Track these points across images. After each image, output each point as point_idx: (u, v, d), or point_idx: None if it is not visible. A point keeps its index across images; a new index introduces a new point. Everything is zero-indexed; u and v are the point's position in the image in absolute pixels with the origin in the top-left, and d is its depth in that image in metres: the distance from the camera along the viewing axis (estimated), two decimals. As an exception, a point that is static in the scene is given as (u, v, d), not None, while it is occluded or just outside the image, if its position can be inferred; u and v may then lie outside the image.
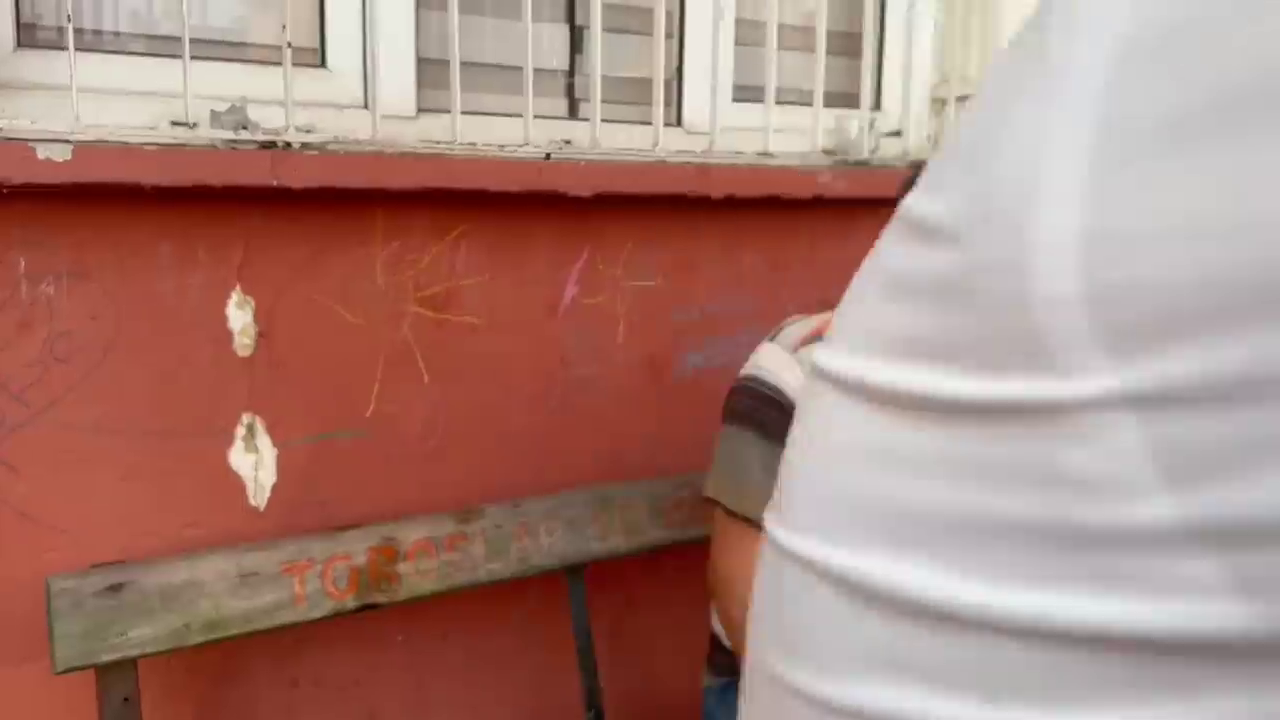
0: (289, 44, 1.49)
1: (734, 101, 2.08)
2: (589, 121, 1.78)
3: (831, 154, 2.07)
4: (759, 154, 1.94)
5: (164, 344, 1.47)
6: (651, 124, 1.85)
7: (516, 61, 1.72)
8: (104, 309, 1.42)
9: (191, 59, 1.44)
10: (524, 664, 1.88)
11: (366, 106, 1.67)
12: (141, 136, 1.40)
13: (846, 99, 2.22)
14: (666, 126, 1.89)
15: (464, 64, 1.67)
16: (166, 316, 1.46)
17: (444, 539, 1.60)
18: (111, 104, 1.47)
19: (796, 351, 1.52)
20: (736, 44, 2.09)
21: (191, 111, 1.44)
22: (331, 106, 1.66)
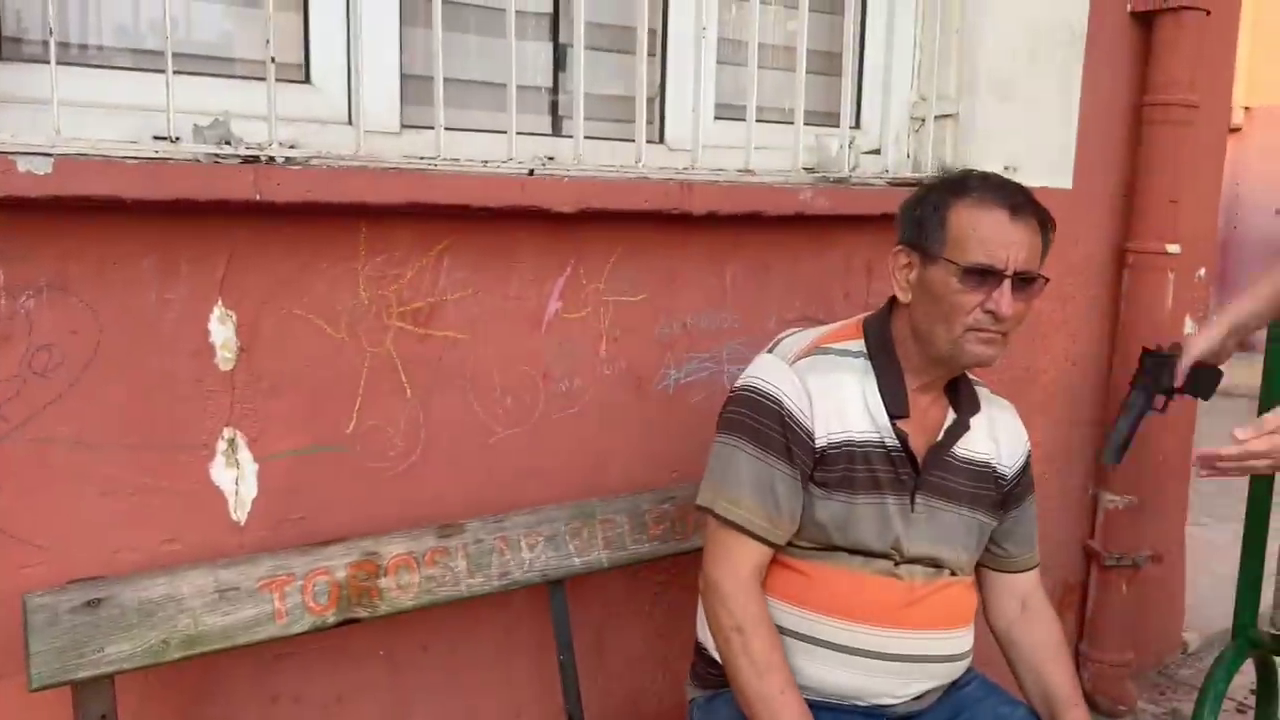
0: (273, 59, 1.50)
1: (716, 119, 2.10)
2: (572, 138, 1.79)
3: (812, 171, 2.09)
4: (740, 171, 1.96)
5: (145, 358, 1.46)
6: (634, 141, 1.87)
7: (500, 78, 1.73)
8: (84, 323, 1.42)
9: (175, 73, 1.44)
10: (505, 678, 1.87)
11: (350, 122, 1.68)
12: (123, 150, 1.40)
13: (827, 117, 2.25)
14: (649, 143, 1.91)
15: (448, 80, 1.68)
16: (148, 330, 1.46)
17: (425, 554, 1.60)
18: (93, 118, 1.47)
19: (795, 364, 1.54)
20: (718, 63, 2.11)
21: (174, 126, 1.44)
22: (315, 122, 1.66)
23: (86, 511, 1.45)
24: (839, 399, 1.52)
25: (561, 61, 1.99)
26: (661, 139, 2.06)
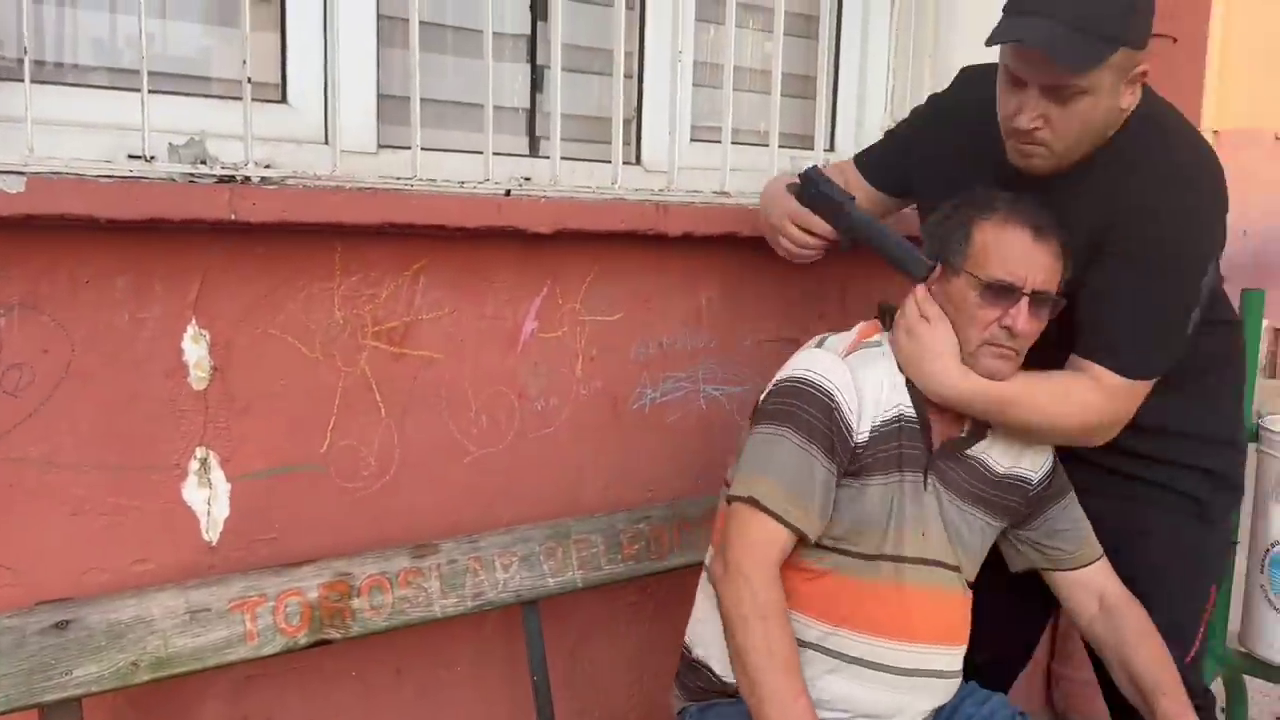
0: (249, 79, 1.50)
1: (692, 141, 2.11)
2: (549, 159, 1.80)
3: (787, 193, 2.10)
4: (716, 193, 1.98)
5: (117, 377, 1.46)
6: (611, 162, 1.88)
7: (478, 99, 1.74)
8: (56, 342, 1.41)
9: (151, 92, 1.44)
10: (479, 699, 1.87)
11: (327, 142, 1.68)
12: (98, 169, 1.39)
13: (802, 140, 2.27)
14: (626, 165, 1.92)
15: (425, 100, 1.69)
16: (120, 350, 1.45)
17: (398, 574, 1.59)
18: (68, 136, 1.47)
19: (847, 358, 1.55)
20: (694, 85, 2.13)
21: (150, 145, 1.44)
22: (292, 141, 1.67)
23: (56, 532, 1.43)
24: (876, 389, 1.54)
25: (539, 83, 2.01)
26: (638, 160, 2.08)
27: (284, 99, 1.69)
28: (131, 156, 1.47)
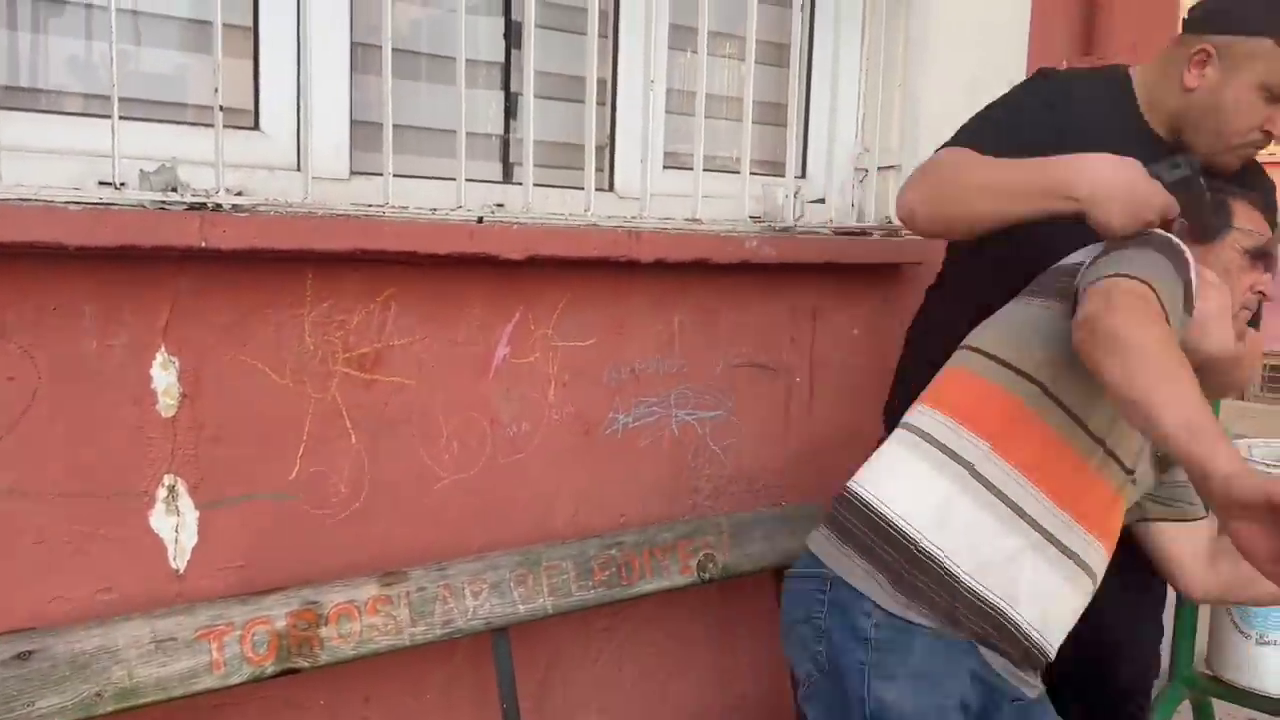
0: (221, 106, 1.50)
1: (664, 168, 2.13)
2: (522, 185, 1.81)
3: (758, 220, 2.13)
4: (688, 220, 1.99)
5: (84, 405, 1.45)
6: (584, 189, 1.89)
7: (451, 125, 1.75)
8: (22, 369, 1.40)
9: (122, 119, 1.44)
10: (449, 727, 1.86)
11: (299, 168, 1.68)
12: (67, 196, 1.39)
13: (773, 167, 2.29)
14: (598, 191, 1.93)
15: (398, 127, 1.70)
16: (88, 377, 1.44)
17: (367, 602, 1.59)
18: (37, 163, 1.46)
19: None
20: (667, 112, 2.15)
21: (120, 171, 1.44)
22: (264, 168, 1.67)
23: (19, 561, 1.42)
24: None
25: (512, 109, 2.02)
26: (611, 187, 2.09)
27: (256, 125, 1.70)
28: (102, 183, 1.47)
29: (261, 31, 1.68)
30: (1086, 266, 1.46)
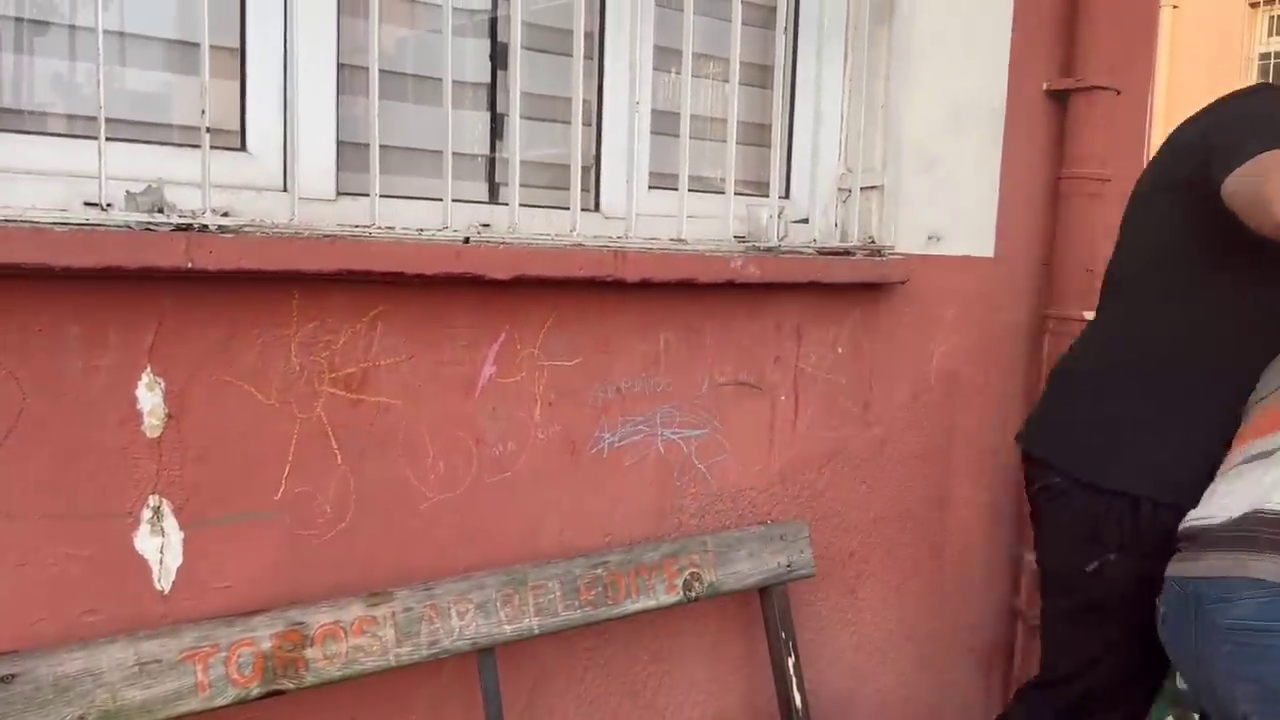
0: (208, 127, 1.51)
1: (650, 189, 2.14)
2: (508, 206, 1.82)
3: (743, 240, 2.14)
4: (673, 240, 2.00)
5: (69, 426, 1.44)
6: (569, 209, 1.90)
7: (437, 146, 1.75)
8: (6, 390, 1.39)
9: (108, 140, 1.44)
10: (434, 749, 1.85)
11: (286, 189, 1.69)
12: (53, 217, 1.39)
13: (757, 187, 2.31)
14: (584, 212, 1.94)
15: (385, 147, 1.70)
16: (73, 398, 1.44)
17: (352, 623, 1.58)
18: (23, 184, 1.46)
19: None
20: (652, 133, 2.16)
21: (107, 192, 1.44)
22: (250, 189, 1.67)
23: (2, 583, 1.41)
24: None
25: (498, 130, 2.03)
26: (596, 207, 2.10)
27: (243, 146, 1.70)
28: (88, 204, 1.47)
29: (248, 52, 1.69)
30: None
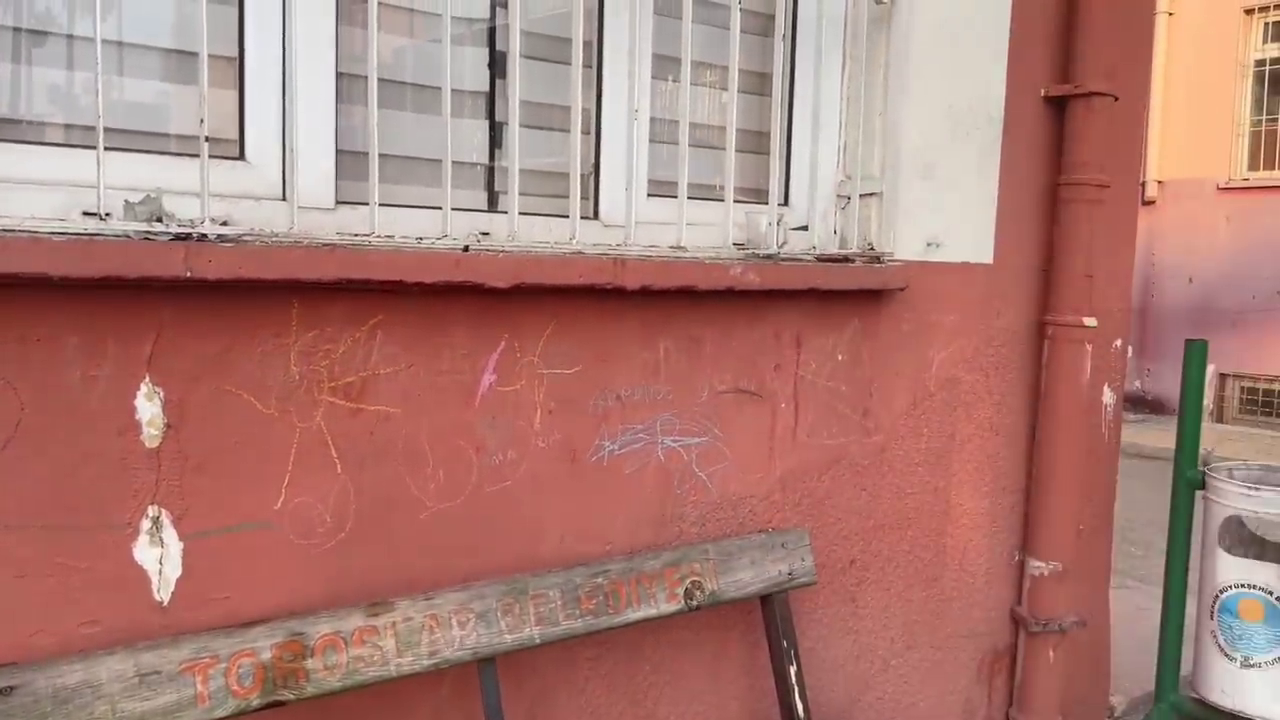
0: (207, 136, 1.51)
1: (649, 196, 2.14)
2: (507, 214, 1.82)
3: (742, 247, 2.14)
4: (673, 247, 2.00)
5: (68, 436, 1.44)
6: (569, 217, 1.90)
7: (436, 155, 1.75)
8: (5, 401, 1.39)
9: (107, 149, 1.44)
10: (435, 759, 1.84)
11: (285, 198, 1.69)
12: (51, 227, 1.39)
13: (756, 195, 2.31)
14: (583, 219, 1.94)
15: (384, 156, 1.70)
16: (71, 408, 1.44)
17: (353, 633, 1.57)
18: (22, 193, 1.46)
19: None
20: (651, 141, 2.17)
21: (105, 202, 1.44)
22: (249, 198, 1.67)
23: (1, 595, 1.40)
24: None
25: (497, 139, 2.03)
26: (596, 215, 2.10)
27: (242, 155, 1.70)
28: (87, 214, 1.47)
29: (247, 62, 1.69)
30: None
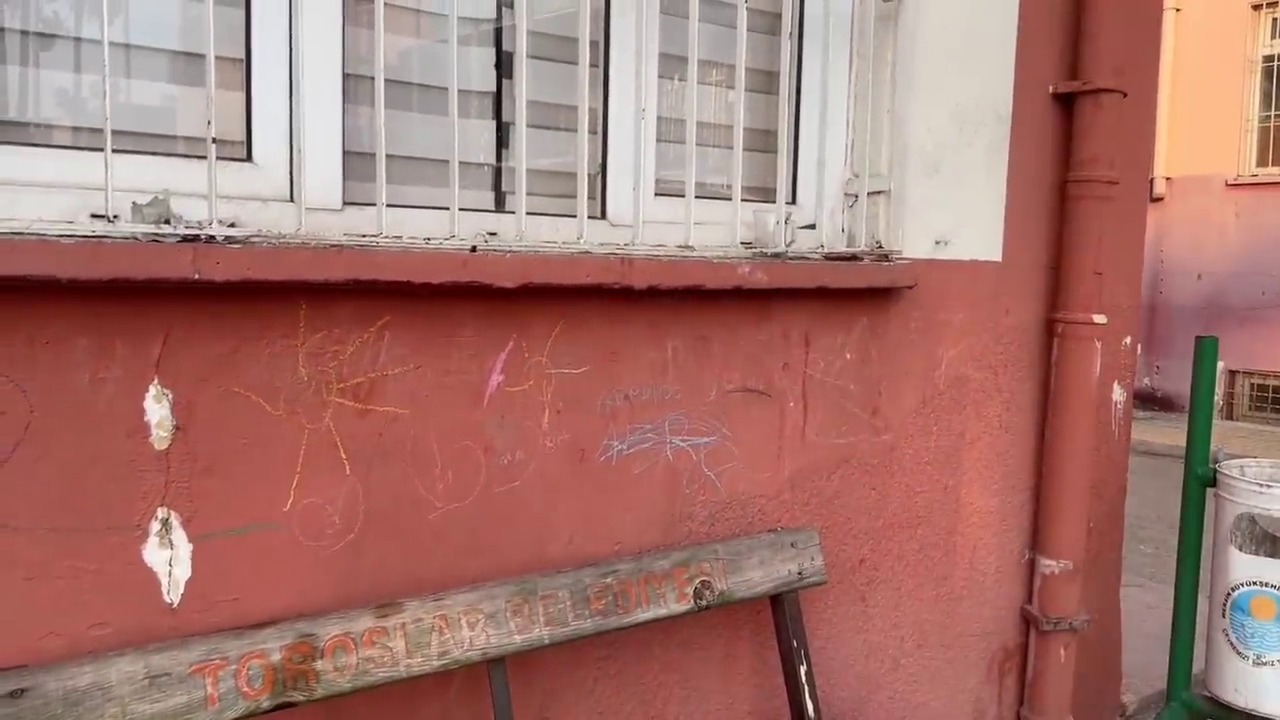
0: (214, 138, 1.51)
1: (656, 195, 2.14)
2: (515, 214, 1.82)
3: (750, 246, 2.14)
4: (680, 246, 2.00)
5: (77, 438, 1.44)
6: (576, 217, 1.90)
7: (443, 155, 1.75)
8: (14, 403, 1.39)
9: (114, 152, 1.44)
10: (445, 760, 1.84)
11: (292, 199, 1.69)
12: (59, 229, 1.39)
13: (764, 194, 2.30)
14: (591, 219, 1.94)
15: (391, 157, 1.70)
16: (80, 411, 1.44)
17: (362, 634, 1.57)
18: (30, 196, 1.46)
19: None
20: (658, 140, 2.16)
21: (113, 204, 1.44)
22: (257, 199, 1.67)
23: (11, 597, 1.41)
24: None
25: (504, 139, 2.03)
26: (603, 215, 2.10)
27: (249, 157, 1.70)
28: (95, 216, 1.47)
29: (254, 63, 1.69)
30: None
